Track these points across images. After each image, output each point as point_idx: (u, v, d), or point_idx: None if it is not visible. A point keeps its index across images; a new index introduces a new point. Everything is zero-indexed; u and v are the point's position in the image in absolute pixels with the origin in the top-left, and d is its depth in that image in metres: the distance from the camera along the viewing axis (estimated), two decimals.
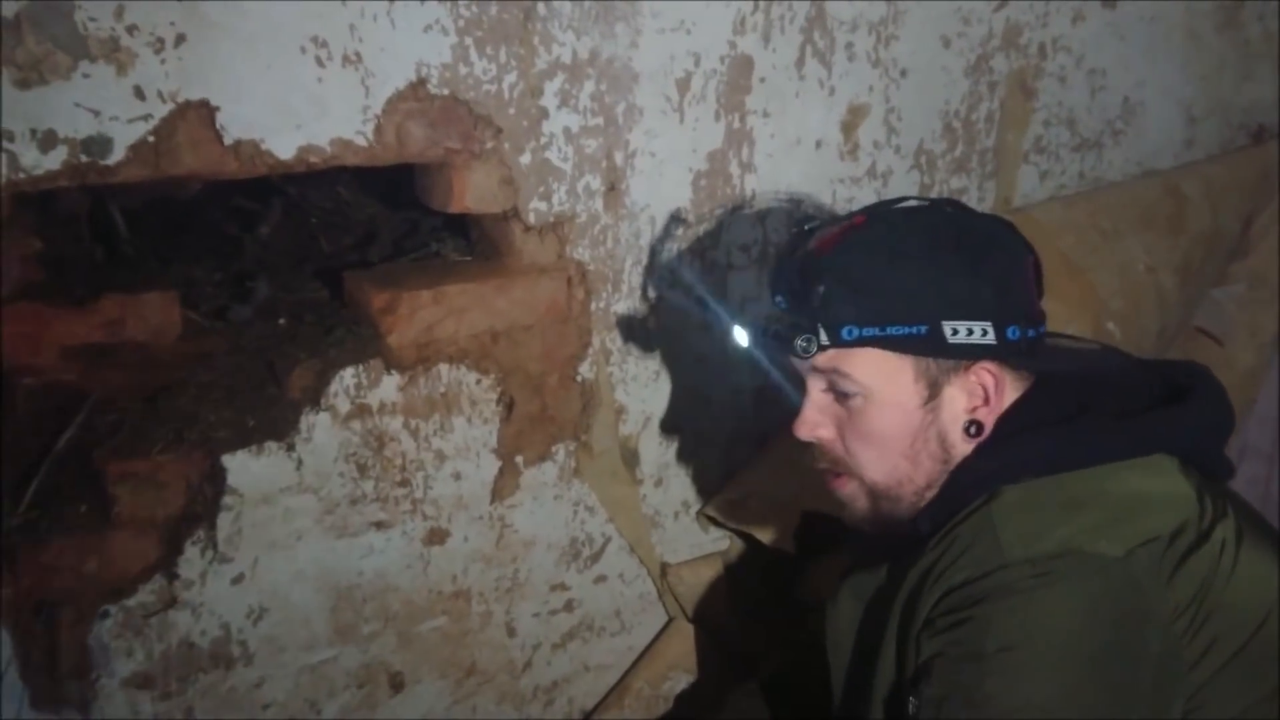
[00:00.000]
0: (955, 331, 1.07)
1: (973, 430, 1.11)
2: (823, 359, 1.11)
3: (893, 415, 1.11)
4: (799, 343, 1.09)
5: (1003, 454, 1.10)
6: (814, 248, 1.12)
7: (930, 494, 1.13)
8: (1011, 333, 1.09)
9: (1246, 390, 2.36)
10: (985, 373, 1.11)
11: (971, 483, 1.10)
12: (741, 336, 1.20)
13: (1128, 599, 0.98)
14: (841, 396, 1.13)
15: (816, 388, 1.16)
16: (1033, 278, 1.14)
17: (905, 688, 1.05)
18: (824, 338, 1.09)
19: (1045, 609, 0.97)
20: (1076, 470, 1.06)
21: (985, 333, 1.08)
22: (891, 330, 1.07)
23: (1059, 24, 1.92)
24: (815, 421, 1.16)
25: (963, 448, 1.12)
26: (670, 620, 1.78)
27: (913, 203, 1.16)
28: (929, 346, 1.08)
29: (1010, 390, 1.13)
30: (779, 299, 1.15)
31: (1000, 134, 1.91)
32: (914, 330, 1.07)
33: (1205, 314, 2.24)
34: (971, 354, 1.09)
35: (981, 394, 1.11)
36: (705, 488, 1.76)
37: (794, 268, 1.13)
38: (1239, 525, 1.07)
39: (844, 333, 1.08)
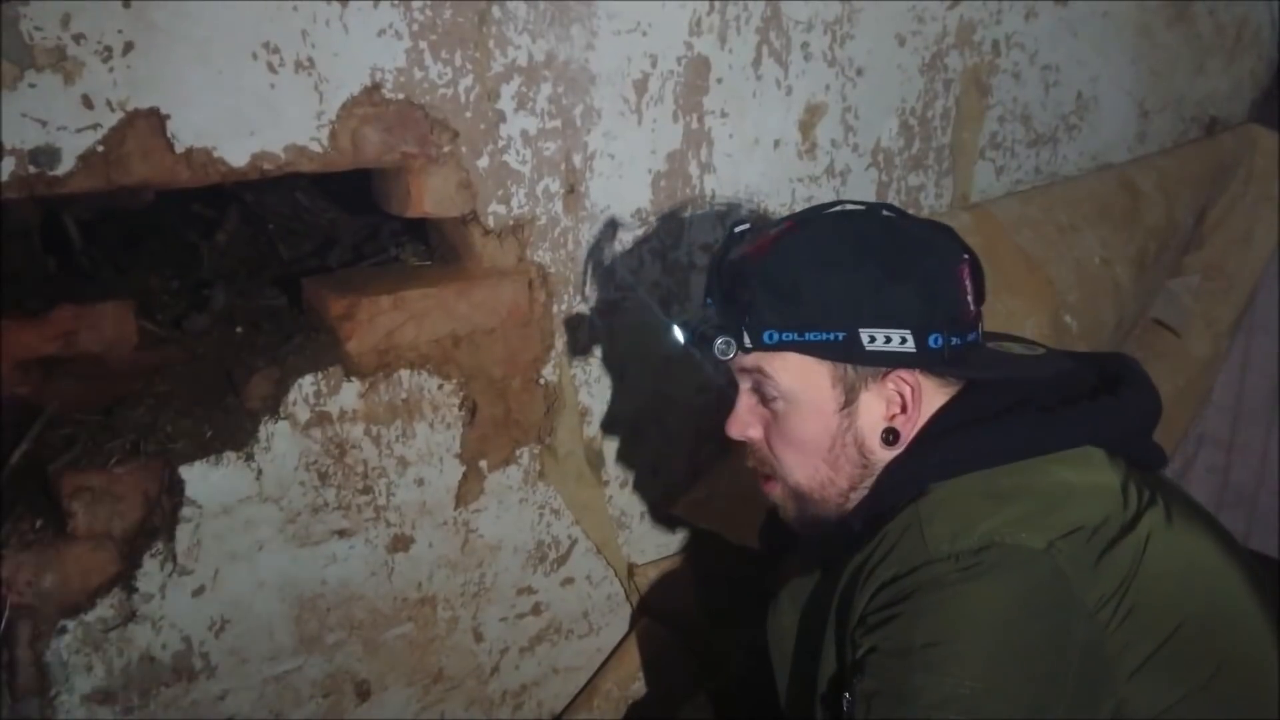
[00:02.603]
0: (873, 339, 1.09)
1: (889, 439, 1.13)
2: (747, 361, 1.14)
3: (811, 419, 1.14)
4: (719, 344, 1.12)
5: (932, 452, 1.11)
6: (746, 252, 1.14)
7: (856, 496, 1.15)
8: (934, 340, 1.10)
9: (1203, 379, 2.40)
10: (903, 381, 1.12)
11: (901, 481, 1.11)
12: (679, 335, 1.22)
13: (1051, 590, 1.00)
14: (766, 399, 1.16)
15: (745, 389, 1.19)
16: (966, 284, 1.14)
17: (843, 685, 1.06)
18: (747, 341, 1.12)
19: (969, 603, 0.99)
20: (1003, 465, 1.08)
21: (904, 340, 1.09)
22: (810, 336, 1.10)
23: (1012, 21, 1.94)
24: (745, 421, 1.19)
25: (881, 454, 1.14)
26: (638, 621, 1.78)
27: (849, 207, 1.18)
28: (846, 353, 1.10)
29: (932, 398, 1.14)
30: (708, 300, 1.18)
31: (956, 131, 1.93)
32: (831, 337, 1.10)
33: (1162, 305, 2.28)
34: (889, 361, 1.11)
35: (899, 402, 1.13)
36: (671, 487, 1.76)
37: (724, 271, 1.15)
38: (1168, 514, 1.08)
39: (765, 337, 1.11)
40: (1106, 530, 1.04)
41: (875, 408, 1.13)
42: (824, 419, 1.13)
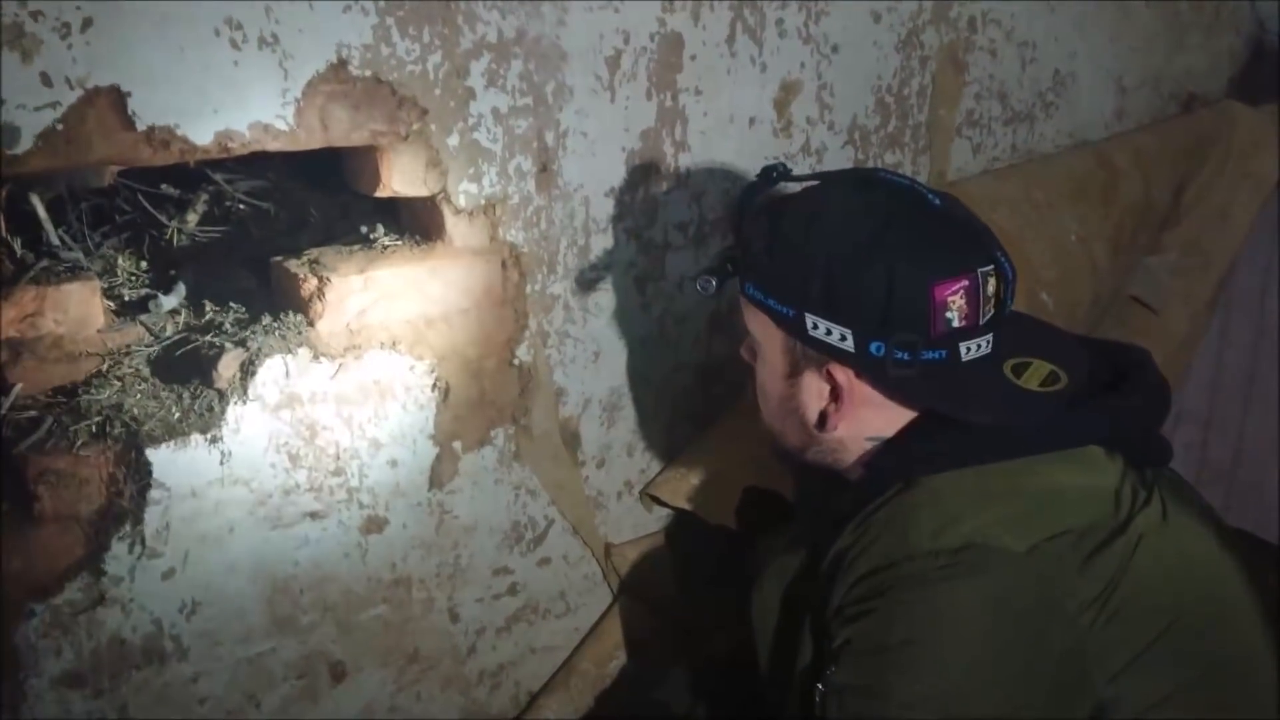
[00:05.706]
0: (815, 326, 1.10)
1: (821, 424, 1.16)
2: (741, 301, 1.21)
3: (769, 374, 1.20)
4: (700, 280, 1.23)
5: (927, 442, 1.10)
6: (769, 201, 1.19)
7: (814, 456, 1.20)
8: (875, 348, 1.07)
9: (1181, 356, 2.41)
10: (838, 376, 1.12)
11: (892, 468, 1.10)
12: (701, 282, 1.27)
13: (1030, 594, 0.99)
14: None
15: None
16: (947, 300, 1.04)
17: (817, 673, 1.06)
18: (739, 285, 1.19)
19: (947, 603, 0.99)
20: (998, 463, 1.06)
21: (844, 338, 1.09)
22: (770, 302, 1.14)
23: None
24: (749, 349, 1.27)
25: (824, 433, 1.17)
26: (615, 600, 1.78)
27: (881, 176, 1.17)
28: (792, 330, 1.13)
29: (877, 408, 1.12)
30: (730, 235, 1.27)
31: (933, 108, 1.92)
32: (784, 311, 1.13)
33: (1139, 282, 2.28)
34: (828, 353, 1.12)
35: (830, 393, 1.14)
36: (647, 467, 1.76)
37: (745, 213, 1.22)
38: (1164, 513, 1.07)
39: (747, 288, 1.17)
40: (1095, 533, 1.03)
41: (814, 388, 1.16)
42: (775, 379, 1.19)
